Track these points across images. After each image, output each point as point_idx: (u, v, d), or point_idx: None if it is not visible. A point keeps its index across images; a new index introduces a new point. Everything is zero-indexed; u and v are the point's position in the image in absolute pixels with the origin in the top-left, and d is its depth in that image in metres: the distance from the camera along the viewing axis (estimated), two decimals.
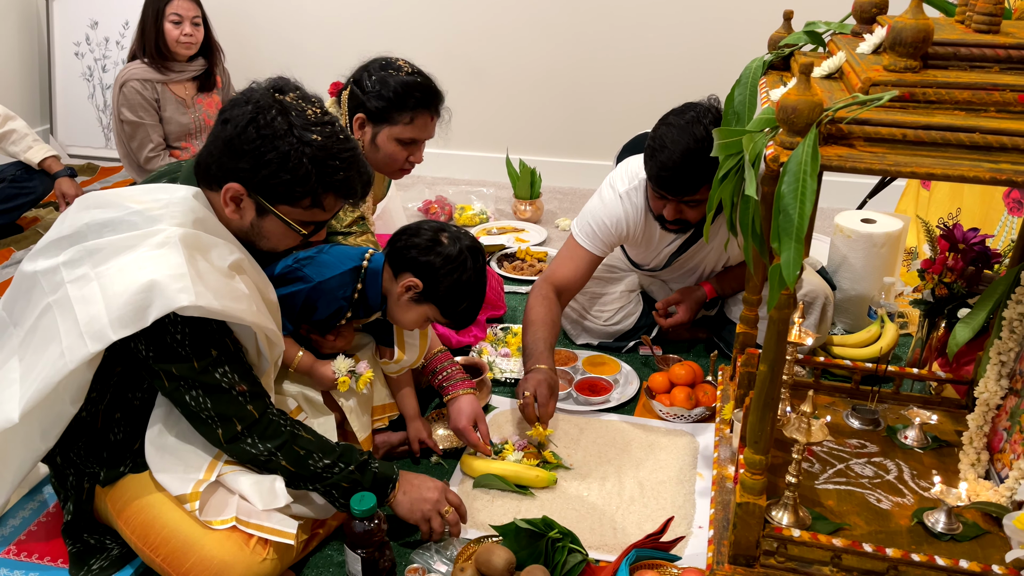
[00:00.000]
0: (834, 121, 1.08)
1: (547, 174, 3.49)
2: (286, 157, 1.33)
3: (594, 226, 2.10)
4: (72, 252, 1.32)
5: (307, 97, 1.40)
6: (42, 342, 1.32)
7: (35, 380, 1.30)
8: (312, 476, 1.42)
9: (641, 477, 1.76)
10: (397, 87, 1.86)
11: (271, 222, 1.40)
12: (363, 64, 1.95)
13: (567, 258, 2.12)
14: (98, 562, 1.49)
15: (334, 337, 1.68)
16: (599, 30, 3.48)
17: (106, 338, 1.26)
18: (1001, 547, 1.37)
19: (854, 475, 1.56)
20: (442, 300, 1.62)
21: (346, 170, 1.38)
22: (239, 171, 1.35)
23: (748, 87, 1.40)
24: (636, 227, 2.11)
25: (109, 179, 3.69)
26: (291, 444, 1.40)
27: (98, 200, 1.38)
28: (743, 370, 1.72)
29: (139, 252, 1.29)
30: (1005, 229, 2.36)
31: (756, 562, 1.32)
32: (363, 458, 1.47)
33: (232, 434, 1.37)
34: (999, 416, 1.53)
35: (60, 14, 3.82)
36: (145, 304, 1.25)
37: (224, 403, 1.35)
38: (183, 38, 2.99)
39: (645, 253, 2.23)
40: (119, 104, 3.03)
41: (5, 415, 1.32)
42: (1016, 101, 1.08)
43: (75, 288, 1.30)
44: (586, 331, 2.29)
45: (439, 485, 1.55)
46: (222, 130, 1.36)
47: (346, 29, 3.72)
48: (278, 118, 1.33)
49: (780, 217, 1.06)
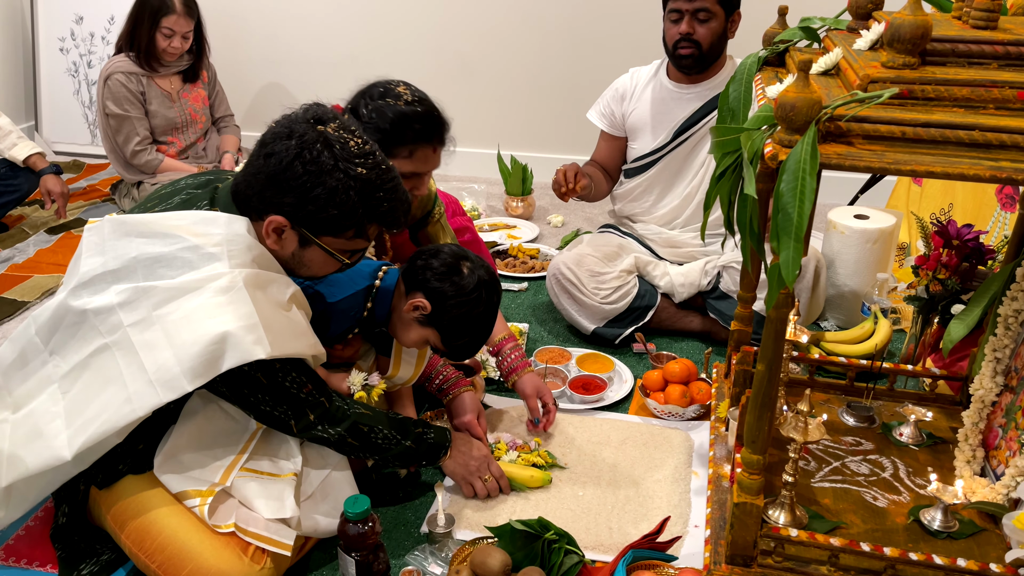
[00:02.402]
0: (833, 119, 1.07)
1: (539, 170, 3.48)
2: (333, 192, 1.32)
3: (601, 102, 2.44)
4: (127, 292, 1.31)
5: (347, 127, 1.37)
6: (98, 382, 1.32)
7: (93, 421, 1.30)
8: (375, 449, 1.52)
9: (636, 476, 1.75)
10: (395, 118, 1.71)
11: (313, 252, 1.40)
12: (362, 89, 1.81)
13: (596, 146, 2.50)
14: (88, 567, 1.47)
15: (343, 347, 1.68)
16: (590, 25, 3.46)
17: (180, 389, 1.28)
18: (998, 544, 1.37)
19: (850, 473, 1.56)
20: (446, 328, 1.60)
21: (390, 200, 1.38)
22: (283, 205, 1.34)
23: (743, 83, 1.39)
24: (638, 85, 2.38)
25: (95, 176, 3.65)
26: (357, 424, 1.48)
27: (140, 228, 1.35)
28: (738, 368, 1.72)
29: (204, 297, 1.29)
30: (998, 225, 2.37)
31: (753, 562, 1.32)
32: (417, 430, 1.58)
33: (305, 423, 1.44)
34: (994, 413, 1.53)
35: (44, 9, 3.77)
36: (218, 355, 1.28)
37: (295, 403, 1.42)
38: (170, 48, 2.99)
39: (649, 130, 2.36)
40: (104, 97, 3.00)
41: (54, 452, 1.32)
42: (1015, 98, 1.07)
43: (136, 332, 1.30)
44: (581, 308, 2.28)
45: (484, 455, 1.68)
46: (265, 164, 1.33)
47: (334, 24, 3.69)
48: (324, 152, 1.31)
49: (779, 216, 1.05)
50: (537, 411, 1.85)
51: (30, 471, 1.33)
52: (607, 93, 2.43)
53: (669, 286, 2.32)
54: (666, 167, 2.35)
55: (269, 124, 1.38)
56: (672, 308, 2.34)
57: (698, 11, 2.16)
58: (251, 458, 1.45)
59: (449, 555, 1.50)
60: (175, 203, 1.42)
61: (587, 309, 2.28)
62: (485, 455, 1.68)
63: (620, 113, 2.40)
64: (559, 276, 2.29)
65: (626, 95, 2.39)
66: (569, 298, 2.29)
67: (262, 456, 1.46)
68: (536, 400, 1.85)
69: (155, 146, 3.09)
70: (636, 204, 2.43)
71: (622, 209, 2.48)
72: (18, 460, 1.35)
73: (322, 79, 3.74)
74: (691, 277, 2.31)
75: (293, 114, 1.37)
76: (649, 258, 2.38)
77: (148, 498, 1.41)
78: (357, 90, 1.80)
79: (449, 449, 1.63)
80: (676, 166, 2.34)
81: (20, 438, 1.36)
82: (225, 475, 1.42)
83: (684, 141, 2.31)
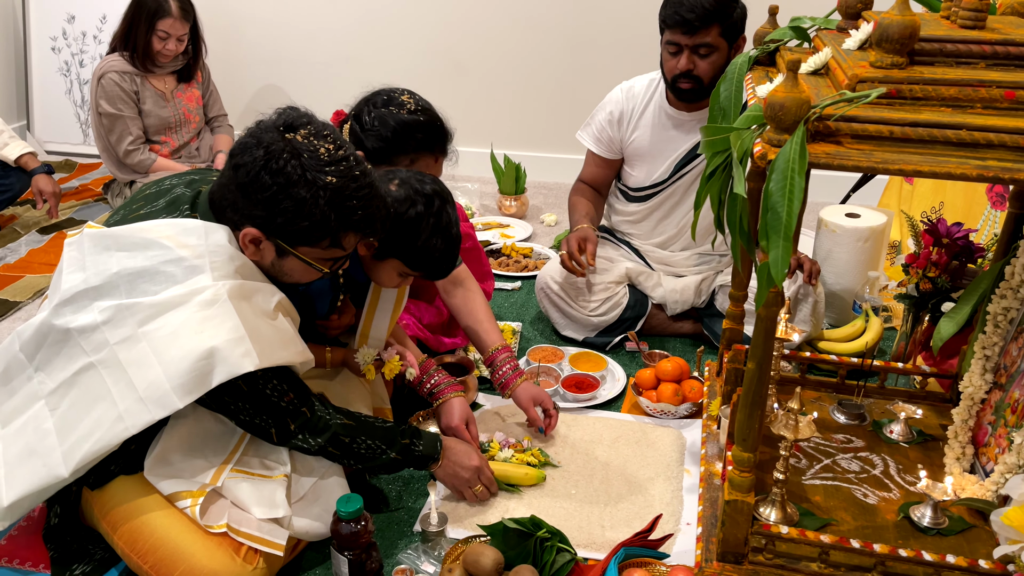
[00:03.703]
0: (822, 118, 1.07)
1: (532, 169, 3.48)
2: (302, 203, 1.29)
3: (593, 124, 2.29)
4: (110, 310, 1.30)
5: (319, 132, 1.33)
6: (86, 399, 1.31)
7: (87, 439, 1.30)
8: (358, 458, 1.50)
9: (629, 474, 1.75)
10: (397, 127, 1.72)
11: (291, 262, 1.39)
12: (366, 96, 1.80)
13: (585, 162, 2.37)
14: (80, 567, 1.47)
15: (338, 316, 1.67)
16: (584, 24, 3.46)
17: (172, 405, 1.28)
18: (987, 540, 1.38)
19: (840, 470, 1.57)
20: (401, 252, 1.55)
21: (364, 208, 1.34)
22: (255, 217, 1.33)
23: (734, 83, 1.39)
24: (635, 108, 2.23)
25: (87, 176, 3.64)
26: (338, 435, 1.46)
27: (120, 241, 1.33)
28: (730, 366, 1.72)
29: (189, 312, 1.28)
30: (988, 223, 2.38)
31: (744, 559, 1.33)
32: (404, 441, 1.54)
33: (285, 433, 1.43)
34: (984, 410, 1.54)
35: (36, 8, 3.75)
36: (207, 370, 1.28)
37: (275, 412, 1.40)
38: (165, 51, 2.99)
39: (649, 160, 2.24)
40: (97, 96, 2.99)
41: (51, 471, 1.32)
42: (1002, 97, 1.07)
43: (123, 350, 1.29)
44: (571, 321, 2.28)
45: (474, 467, 1.63)
46: (235, 175, 1.32)
47: (329, 24, 3.69)
48: (291, 162, 1.28)
49: (768, 215, 1.06)
50: (538, 419, 1.82)
51: (29, 490, 1.33)
52: (599, 116, 2.28)
53: (662, 298, 2.30)
54: (664, 199, 2.28)
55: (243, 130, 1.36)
56: (663, 318, 2.33)
57: (699, 46, 2.00)
58: (241, 459, 1.45)
59: (442, 554, 1.50)
60: (160, 205, 1.41)
61: (576, 322, 2.28)
62: (476, 466, 1.63)
63: (619, 138, 2.27)
64: (546, 290, 2.27)
65: (623, 119, 2.25)
66: (557, 311, 2.29)
67: (252, 457, 1.46)
68: (535, 410, 1.82)
69: (148, 145, 3.09)
70: (633, 227, 2.38)
71: (618, 223, 2.42)
72: (15, 480, 1.34)
73: (317, 79, 3.74)
74: (686, 294, 2.28)
75: (265, 121, 1.35)
76: (643, 268, 2.34)
77: (140, 499, 1.40)
78: (361, 96, 1.80)
79: (440, 457, 1.59)
80: (675, 198, 2.27)
81: (14, 456, 1.35)
82: (215, 476, 1.41)
83: (684, 175, 2.22)
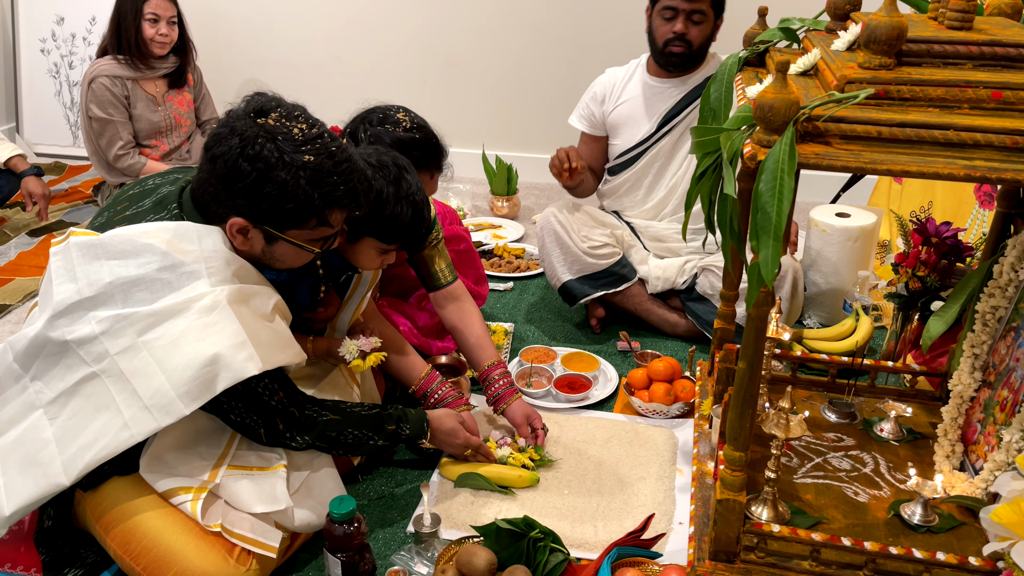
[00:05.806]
0: (811, 119, 1.08)
1: (524, 170, 3.48)
2: (283, 186, 1.30)
3: (580, 105, 2.44)
4: (108, 321, 1.29)
5: (290, 113, 1.34)
6: (88, 408, 1.31)
7: (90, 447, 1.30)
8: (347, 449, 1.55)
9: (621, 474, 1.76)
10: (393, 144, 1.72)
11: (282, 247, 1.40)
12: (361, 114, 1.81)
13: (579, 148, 2.45)
14: (72, 571, 1.47)
15: (323, 309, 1.67)
16: (576, 25, 3.47)
17: (178, 412, 1.28)
18: (977, 538, 1.39)
19: (831, 468, 1.58)
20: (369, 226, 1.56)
21: (346, 183, 1.35)
22: (239, 206, 1.33)
23: (724, 84, 1.40)
24: (616, 83, 2.38)
25: (77, 178, 3.62)
26: (325, 431, 1.49)
27: (108, 248, 1.32)
28: (721, 366, 1.73)
29: (190, 320, 1.28)
30: (976, 222, 2.40)
31: (736, 558, 1.33)
32: (391, 427, 1.58)
33: (274, 433, 1.44)
34: (973, 408, 1.55)
35: (25, 9, 3.73)
36: (211, 376, 1.28)
37: (265, 411, 1.42)
38: (159, 37, 2.97)
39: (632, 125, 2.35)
40: (87, 100, 2.98)
41: (51, 480, 1.31)
42: (989, 98, 1.08)
43: (124, 360, 1.29)
44: (564, 253, 2.31)
45: (454, 428, 1.68)
46: (213, 168, 1.32)
47: (319, 25, 3.68)
48: (267, 146, 1.29)
49: (758, 215, 1.06)
50: (529, 438, 1.84)
51: (30, 500, 1.32)
52: (585, 96, 2.44)
53: (646, 274, 2.36)
54: (652, 160, 2.36)
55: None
56: (644, 295, 2.36)
57: (694, 12, 2.18)
58: (237, 454, 1.44)
59: (435, 555, 1.50)
60: (147, 206, 1.41)
61: (569, 255, 2.31)
62: (458, 433, 1.69)
63: (600, 112, 2.40)
64: (552, 217, 2.34)
65: (606, 95, 2.39)
66: (555, 240, 2.32)
67: (248, 451, 1.46)
68: (527, 428, 1.84)
69: (138, 149, 3.08)
70: (623, 200, 2.44)
71: (610, 204, 2.50)
72: (15, 490, 1.33)
73: (307, 80, 3.73)
74: (668, 272, 2.34)
75: (235, 110, 1.35)
76: (634, 242, 2.41)
77: (133, 501, 1.40)
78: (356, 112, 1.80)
79: (429, 434, 1.65)
80: (662, 159, 2.35)
81: (13, 466, 1.34)
82: (213, 473, 1.41)
83: (669, 132, 2.31)
